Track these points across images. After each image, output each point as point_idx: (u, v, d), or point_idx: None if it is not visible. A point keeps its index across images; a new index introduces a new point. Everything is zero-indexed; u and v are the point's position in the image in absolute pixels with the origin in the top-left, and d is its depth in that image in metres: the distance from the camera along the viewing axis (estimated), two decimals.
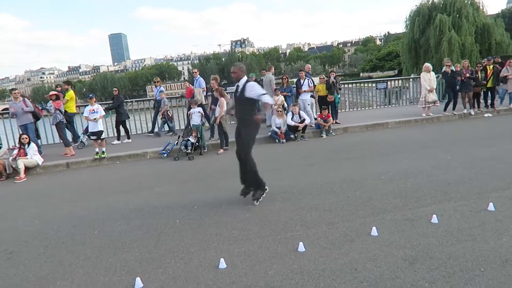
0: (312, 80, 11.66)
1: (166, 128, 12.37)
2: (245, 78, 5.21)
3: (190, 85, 12.62)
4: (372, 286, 3.03)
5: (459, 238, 3.74)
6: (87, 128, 10.49)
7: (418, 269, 3.22)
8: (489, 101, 12.46)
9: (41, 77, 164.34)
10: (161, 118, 12.04)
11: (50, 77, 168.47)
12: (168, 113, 12.00)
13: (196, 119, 9.49)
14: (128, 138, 11.46)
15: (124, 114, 11.41)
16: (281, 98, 11.25)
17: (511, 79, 12.22)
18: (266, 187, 5.37)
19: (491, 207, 4.39)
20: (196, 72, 12.39)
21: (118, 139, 11.33)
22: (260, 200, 5.27)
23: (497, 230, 3.84)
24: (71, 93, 11.06)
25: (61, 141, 10.23)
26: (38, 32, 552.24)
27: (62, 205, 5.97)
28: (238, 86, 5.23)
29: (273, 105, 9.26)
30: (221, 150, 9.30)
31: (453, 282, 3.00)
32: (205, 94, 11.79)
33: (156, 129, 12.19)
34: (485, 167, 6.14)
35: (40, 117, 10.16)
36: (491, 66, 12.11)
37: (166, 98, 12.33)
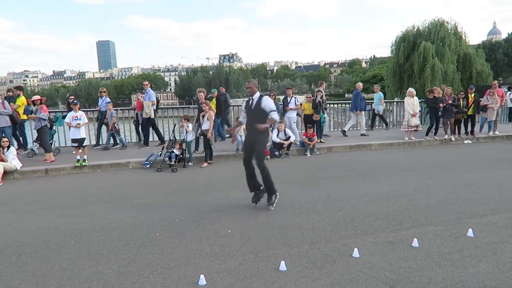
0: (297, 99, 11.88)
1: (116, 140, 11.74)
2: (258, 93, 5.74)
3: (141, 97, 11.82)
4: None
5: (439, 262, 3.77)
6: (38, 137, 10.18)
7: None
8: (469, 128, 12.80)
9: (24, 80, 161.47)
10: (109, 131, 11.39)
11: (33, 80, 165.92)
12: (116, 125, 11.39)
13: (188, 136, 9.38)
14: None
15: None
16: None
17: (490, 108, 12.61)
18: (277, 193, 5.71)
19: (470, 233, 4.46)
20: (146, 85, 11.91)
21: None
22: (274, 205, 5.62)
23: (475, 257, 3.90)
24: (22, 99, 10.63)
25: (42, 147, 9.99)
26: (25, 34, 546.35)
27: (39, 213, 5.79)
28: (252, 99, 5.69)
29: (277, 123, 9.46)
30: (205, 164, 9.25)
31: None
32: (154, 108, 11.49)
33: (100, 142, 11.84)
34: (465, 193, 6.26)
35: (18, 122, 9.94)
36: (473, 95, 12.49)
37: (114, 109, 11.68)
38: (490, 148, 11.43)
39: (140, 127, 12.03)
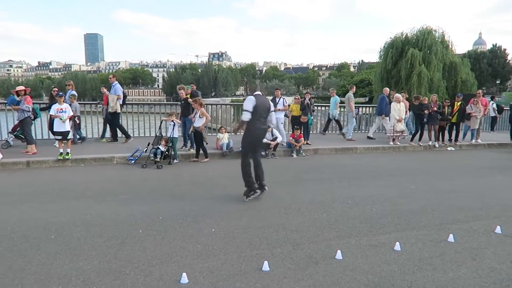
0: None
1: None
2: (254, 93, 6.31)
3: (106, 91, 11.51)
4: None
5: (420, 267, 3.82)
6: (15, 127, 10.08)
7: None
8: (453, 136, 13.01)
9: (8, 70, 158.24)
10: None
11: (17, 70, 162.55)
12: (76, 119, 10.69)
13: (174, 132, 9.27)
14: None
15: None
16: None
17: (474, 116, 12.85)
18: (257, 191, 6.11)
19: (451, 238, 4.53)
20: (112, 78, 11.60)
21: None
22: (250, 198, 6.02)
23: (456, 261, 3.96)
24: None
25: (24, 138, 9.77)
26: (8, 23, 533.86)
27: (18, 206, 5.65)
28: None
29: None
30: (206, 159, 9.47)
31: None
32: (120, 103, 11.16)
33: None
34: (446, 199, 6.36)
35: None
36: (459, 103, 12.69)
37: (78, 103, 11.32)
38: (472, 155, 11.64)
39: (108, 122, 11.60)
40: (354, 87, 14.23)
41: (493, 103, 16.82)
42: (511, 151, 12.60)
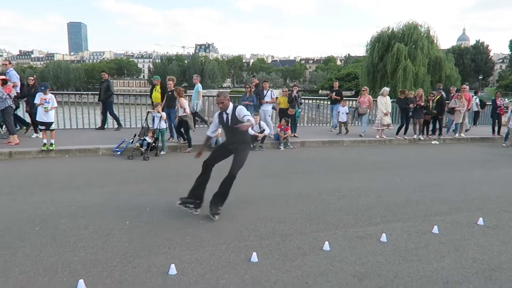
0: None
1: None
2: (231, 105, 5.01)
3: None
4: None
5: (406, 257, 3.89)
6: None
7: (366, 286, 3.30)
8: (437, 126, 13.18)
9: None
10: None
11: None
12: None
13: (161, 124, 9.15)
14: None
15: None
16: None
17: (457, 110, 13.07)
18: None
19: (435, 230, 4.62)
20: (8, 65, 10.68)
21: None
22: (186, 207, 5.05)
23: (440, 252, 4.04)
24: None
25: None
26: None
27: (0, 197, 5.54)
28: (226, 114, 4.97)
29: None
30: (190, 149, 9.45)
31: None
32: (18, 90, 10.14)
33: None
34: (431, 192, 6.48)
35: None
36: (438, 97, 12.84)
37: None
38: (455, 149, 11.86)
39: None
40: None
41: (476, 98, 17.15)
42: (493, 145, 12.88)
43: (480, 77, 75.43)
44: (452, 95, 14.32)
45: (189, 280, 3.33)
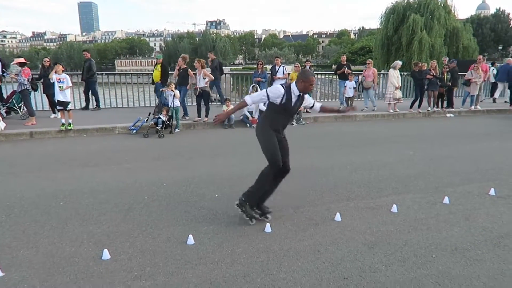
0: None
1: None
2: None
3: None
4: (333, 267, 3.21)
5: (415, 227, 4.00)
6: (7, 98, 10.04)
7: (376, 253, 3.43)
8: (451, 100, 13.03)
9: (1, 41, 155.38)
10: None
11: (12, 41, 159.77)
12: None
13: (175, 102, 9.27)
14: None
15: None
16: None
17: (474, 82, 12.83)
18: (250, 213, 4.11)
19: (446, 200, 4.69)
20: None
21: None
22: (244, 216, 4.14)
23: (449, 222, 4.13)
24: None
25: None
26: None
27: (25, 175, 5.80)
28: (297, 96, 4.28)
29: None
30: (206, 118, 9.97)
31: (407, 266, 3.22)
32: (2, 73, 9.98)
33: None
34: (443, 164, 6.51)
35: None
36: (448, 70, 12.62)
37: None
38: (470, 122, 11.72)
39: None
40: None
41: (493, 69, 16.71)
42: (510, 117, 12.67)
43: (500, 48, 72.93)
44: (444, 65, 13.62)
45: (207, 249, 3.51)
